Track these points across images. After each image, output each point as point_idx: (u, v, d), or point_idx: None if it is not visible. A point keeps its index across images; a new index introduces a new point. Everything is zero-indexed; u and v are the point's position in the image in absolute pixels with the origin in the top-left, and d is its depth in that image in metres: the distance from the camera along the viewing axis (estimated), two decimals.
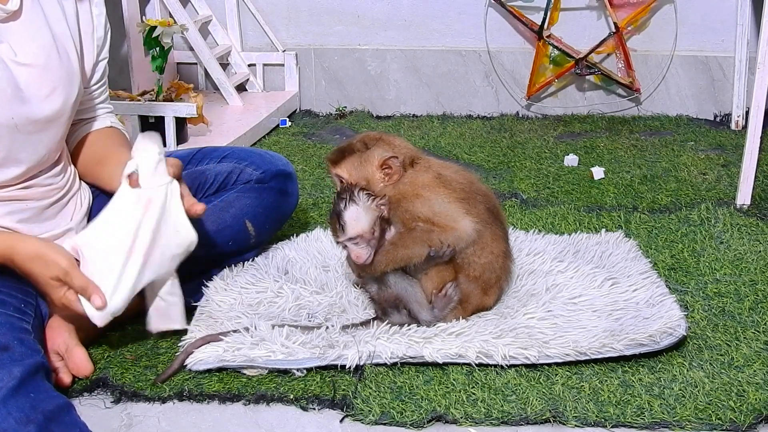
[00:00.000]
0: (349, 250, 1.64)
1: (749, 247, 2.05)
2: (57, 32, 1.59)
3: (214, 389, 1.53)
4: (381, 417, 1.45)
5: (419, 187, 1.65)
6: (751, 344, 1.64)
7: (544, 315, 1.70)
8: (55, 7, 1.60)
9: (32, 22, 1.56)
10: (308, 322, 1.72)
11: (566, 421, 1.43)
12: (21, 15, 1.54)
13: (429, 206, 1.63)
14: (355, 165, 1.68)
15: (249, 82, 3.40)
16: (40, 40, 1.55)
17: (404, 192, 1.65)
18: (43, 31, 1.57)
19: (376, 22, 3.34)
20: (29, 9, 1.56)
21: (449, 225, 1.62)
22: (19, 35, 1.54)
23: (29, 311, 1.52)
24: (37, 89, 1.54)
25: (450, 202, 1.64)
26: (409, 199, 1.64)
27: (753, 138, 2.27)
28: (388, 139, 1.71)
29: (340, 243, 1.65)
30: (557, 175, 2.62)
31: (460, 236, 1.63)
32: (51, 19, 1.59)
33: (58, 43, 1.58)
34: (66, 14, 1.62)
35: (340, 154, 1.70)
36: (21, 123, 1.53)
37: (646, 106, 3.24)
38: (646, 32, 3.19)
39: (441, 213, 1.63)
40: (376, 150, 1.67)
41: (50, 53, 1.57)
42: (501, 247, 1.70)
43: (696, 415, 1.43)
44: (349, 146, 1.70)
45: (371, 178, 1.66)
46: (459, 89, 3.33)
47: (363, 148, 1.68)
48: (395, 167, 1.65)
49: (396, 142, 1.71)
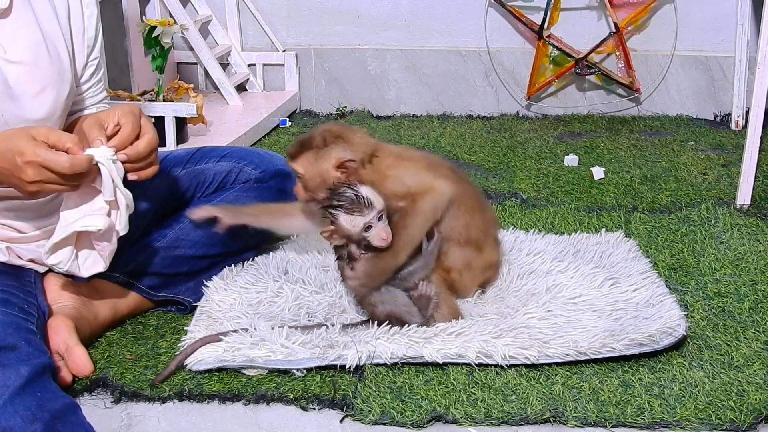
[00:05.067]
0: (377, 231, 1.62)
1: (749, 247, 2.05)
2: (47, 30, 1.58)
3: (214, 389, 1.53)
4: (381, 417, 1.45)
5: (384, 169, 1.69)
6: (751, 344, 1.64)
7: (544, 315, 1.70)
8: (45, 5, 1.60)
9: (21, 20, 1.55)
10: (308, 322, 1.72)
11: (566, 421, 1.43)
12: (11, 13, 1.54)
13: (401, 181, 1.68)
14: (311, 161, 1.69)
15: (249, 82, 3.40)
16: (29, 38, 1.55)
17: (372, 180, 1.67)
18: (32, 29, 1.56)
19: (376, 22, 3.34)
20: (19, 6, 1.55)
21: (426, 189, 1.67)
22: (9, 33, 1.53)
23: (32, 311, 1.52)
24: (26, 87, 1.54)
25: (418, 171, 1.70)
26: (380, 183, 1.67)
27: (753, 138, 2.27)
28: (348, 137, 1.71)
29: (367, 223, 1.62)
30: (557, 175, 2.62)
31: (440, 196, 1.68)
32: (41, 17, 1.58)
33: (48, 41, 1.58)
34: (57, 13, 1.61)
35: (298, 148, 1.71)
36: (12, 121, 1.52)
37: (646, 106, 3.24)
38: (646, 32, 3.19)
39: (414, 183, 1.68)
40: (334, 149, 1.68)
41: (39, 51, 1.56)
42: (474, 203, 1.75)
43: (696, 415, 1.43)
44: (309, 140, 1.70)
45: (326, 176, 1.67)
46: (459, 89, 3.33)
47: (321, 145, 1.69)
48: (351, 169, 1.67)
49: (356, 139, 1.71)
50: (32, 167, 1.40)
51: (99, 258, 1.55)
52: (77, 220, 1.50)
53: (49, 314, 1.61)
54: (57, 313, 1.62)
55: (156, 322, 1.78)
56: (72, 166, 1.41)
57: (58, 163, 1.41)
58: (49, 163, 1.40)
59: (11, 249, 1.61)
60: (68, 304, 1.64)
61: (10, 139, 1.42)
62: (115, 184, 1.49)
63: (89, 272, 1.56)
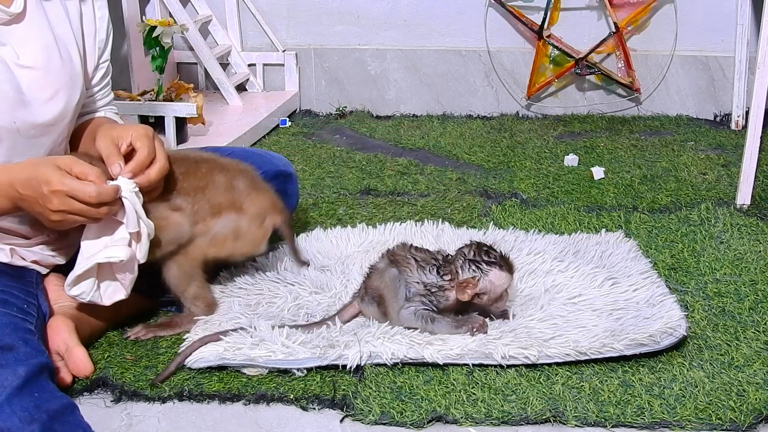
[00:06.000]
0: (504, 301, 1.67)
1: (749, 247, 2.05)
2: (59, 33, 1.58)
3: (214, 389, 1.53)
4: (381, 417, 1.45)
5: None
6: (751, 344, 1.64)
7: (544, 315, 1.70)
8: (58, 7, 1.59)
9: (34, 24, 1.55)
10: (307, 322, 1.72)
11: (566, 421, 1.43)
12: (24, 17, 1.54)
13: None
14: None
15: (249, 82, 3.40)
16: (41, 42, 1.54)
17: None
18: (45, 32, 1.56)
19: (376, 22, 3.34)
20: (32, 11, 1.55)
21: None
22: (22, 37, 1.53)
23: (32, 311, 1.52)
24: (39, 92, 1.54)
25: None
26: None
27: (753, 138, 2.27)
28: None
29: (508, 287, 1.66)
30: (557, 175, 2.62)
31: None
32: (53, 20, 1.58)
33: (60, 44, 1.58)
34: (69, 15, 1.61)
35: None
36: (23, 127, 1.52)
37: (646, 106, 3.24)
38: (646, 32, 3.19)
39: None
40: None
41: (52, 55, 1.56)
42: (206, 168, 1.72)
43: (696, 415, 1.43)
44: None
45: None
46: (459, 89, 3.33)
47: None
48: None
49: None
50: (58, 196, 1.41)
51: (120, 287, 1.57)
52: (99, 251, 1.51)
53: (50, 314, 1.61)
54: (57, 313, 1.62)
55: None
56: (99, 195, 1.43)
57: (85, 193, 1.42)
58: (76, 193, 1.41)
59: (15, 251, 1.61)
60: (69, 305, 1.64)
61: (36, 167, 1.43)
62: (138, 215, 1.51)
63: (111, 300, 1.58)
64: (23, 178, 1.43)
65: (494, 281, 1.63)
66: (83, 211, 1.43)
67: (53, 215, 1.43)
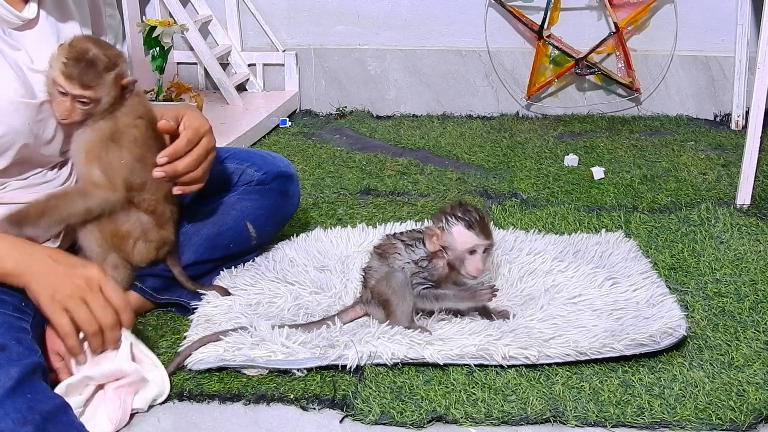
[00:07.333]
0: (477, 260, 1.65)
1: (749, 247, 2.05)
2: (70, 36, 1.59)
3: (214, 389, 1.53)
4: (381, 417, 1.45)
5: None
6: (751, 344, 1.64)
7: (544, 315, 1.70)
8: (70, 10, 1.61)
9: (47, 30, 1.57)
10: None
11: (566, 421, 1.43)
12: (37, 23, 1.56)
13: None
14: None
15: (249, 82, 3.40)
16: (53, 46, 1.56)
17: None
18: (55, 36, 1.58)
19: (376, 22, 3.34)
20: (45, 17, 1.57)
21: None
22: (35, 42, 1.55)
23: (29, 310, 1.51)
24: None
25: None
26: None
27: (753, 138, 2.27)
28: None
29: (474, 247, 1.65)
30: (557, 175, 2.62)
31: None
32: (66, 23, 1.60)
33: None
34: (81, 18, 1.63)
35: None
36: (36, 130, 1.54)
37: (646, 106, 3.24)
38: (646, 32, 3.19)
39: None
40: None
41: None
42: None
43: (696, 415, 1.43)
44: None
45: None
46: (459, 89, 3.33)
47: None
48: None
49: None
50: (92, 290, 1.43)
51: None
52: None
53: None
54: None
55: (156, 323, 1.78)
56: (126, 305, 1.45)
57: (120, 297, 1.44)
58: (110, 293, 1.43)
59: None
60: None
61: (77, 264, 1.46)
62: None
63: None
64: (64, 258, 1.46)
65: (456, 237, 1.64)
66: (99, 315, 1.43)
67: (69, 301, 1.42)
